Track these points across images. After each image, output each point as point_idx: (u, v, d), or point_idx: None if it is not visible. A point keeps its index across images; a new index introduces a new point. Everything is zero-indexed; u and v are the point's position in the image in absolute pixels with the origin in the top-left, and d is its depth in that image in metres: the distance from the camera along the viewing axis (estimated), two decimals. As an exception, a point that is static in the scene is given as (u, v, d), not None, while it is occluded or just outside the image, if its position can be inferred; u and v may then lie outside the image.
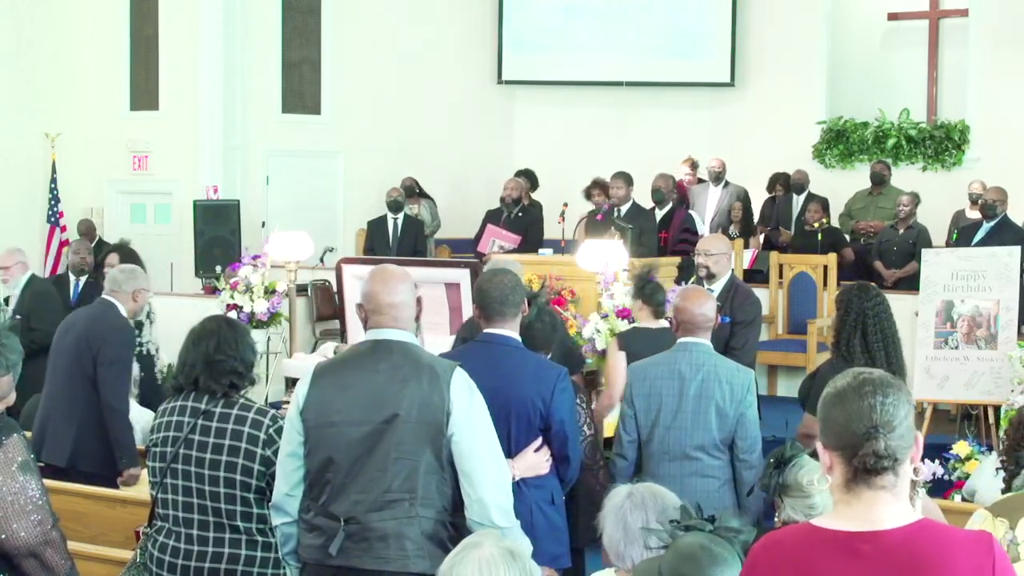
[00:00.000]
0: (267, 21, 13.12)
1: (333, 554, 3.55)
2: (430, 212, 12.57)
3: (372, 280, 3.75)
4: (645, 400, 4.83)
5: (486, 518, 3.55)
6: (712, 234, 10.01)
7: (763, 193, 12.28)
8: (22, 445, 3.46)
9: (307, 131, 13.30)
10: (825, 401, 2.37)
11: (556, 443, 4.31)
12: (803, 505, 3.75)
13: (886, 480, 2.30)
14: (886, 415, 2.29)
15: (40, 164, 12.94)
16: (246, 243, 11.42)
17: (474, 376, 3.83)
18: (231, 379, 4.02)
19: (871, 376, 2.35)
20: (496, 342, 4.32)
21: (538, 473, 4.31)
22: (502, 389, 4.12)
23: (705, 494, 4.58)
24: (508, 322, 4.33)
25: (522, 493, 4.18)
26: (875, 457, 2.27)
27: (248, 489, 3.91)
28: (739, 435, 4.75)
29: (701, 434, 4.74)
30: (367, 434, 3.56)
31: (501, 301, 4.30)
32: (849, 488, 2.32)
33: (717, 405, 4.74)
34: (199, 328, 4.13)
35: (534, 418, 4.25)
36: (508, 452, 4.13)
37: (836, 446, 2.33)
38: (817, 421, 2.40)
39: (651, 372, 4.88)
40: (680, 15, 13.62)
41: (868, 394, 2.30)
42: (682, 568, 2.49)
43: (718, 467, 4.76)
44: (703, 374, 4.78)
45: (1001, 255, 8.13)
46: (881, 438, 2.28)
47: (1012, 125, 12.00)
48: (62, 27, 13.05)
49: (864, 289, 5.32)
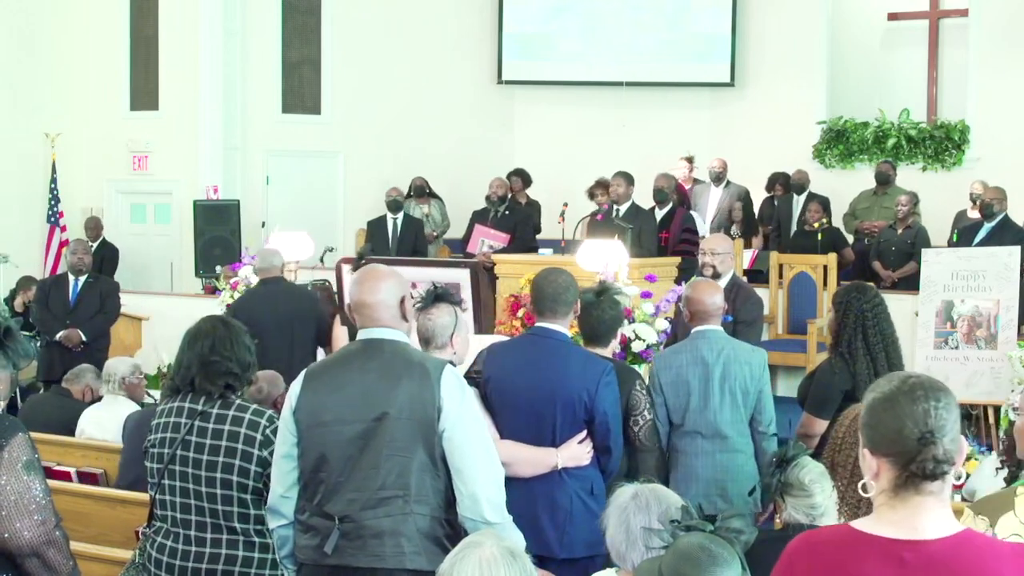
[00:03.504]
0: (267, 21, 13.13)
1: (328, 553, 3.55)
2: (440, 212, 12.58)
3: (354, 280, 3.81)
4: (673, 387, 5.16)
5: (478, 514, 3.55)
6: (716, 233, 10.01)
7: (763, 193, 12.28)
8: (27, 444, 3.46)
9: (307, 131, 13.30)
10: (873, 406, 2.32)
11: (599, 435, 4.44)
12: (804, 505, 3.76)
13: (936, 485, 2.27)
14: (940, 419, 2.25)
15: (40, 164, 12.94)
16: (246, 243, 11.43)
17: (522, 367, 4.19)
18: (227, 380, 4.01)
19: (921, 380, 2.30)
20: (545, 335, 4.51)
21: (580, 464, 4.42)
22: (549, 381, 4.37)
23: (736, 467, 5.09)
24: (559, 319, 4.51)
25: (564, 482, 4.36)
26: (935, 463, 2.24)
27: (245, 490, 3.91)
28: (758, 410, 5.15)
29: (729, 412, 5.11)
30: (359, 433, 3.58)
31: (554, 298, 4.48)
32: (896, 493, 2.28)
33: (741, 385, 5.11)
34: (194, 329, 4.12)
35: (579, 410, 4.39)
36: (552, 442, 4.38)
37: (887, 452, 2.28)
38: (861, 427, 2.35)
39: (675, 360, 5.21)
40: (680, 15, 13.61)
41: (921, 398, 2.26)
42: (682, 568, 2.49)
43: (744, 442, 5.15)
44: (724, 357, 5.12)
45: (1001, 255, 8.14)
46: (939, 443, 2.24)
47: (1012, 125, 12.00)
48: (62, 27, 13.05)
49: (862, 289, 5.33)
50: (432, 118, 13.54)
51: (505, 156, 13.42)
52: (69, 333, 9.16)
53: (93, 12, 13.17)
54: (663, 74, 13.66)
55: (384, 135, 13.37)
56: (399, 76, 13.49)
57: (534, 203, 12.27)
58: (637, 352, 7.17)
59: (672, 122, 13.33)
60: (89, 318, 9.29)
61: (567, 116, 13.88)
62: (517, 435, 4.44)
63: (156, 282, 12.85)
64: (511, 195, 11.40)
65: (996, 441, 7.49)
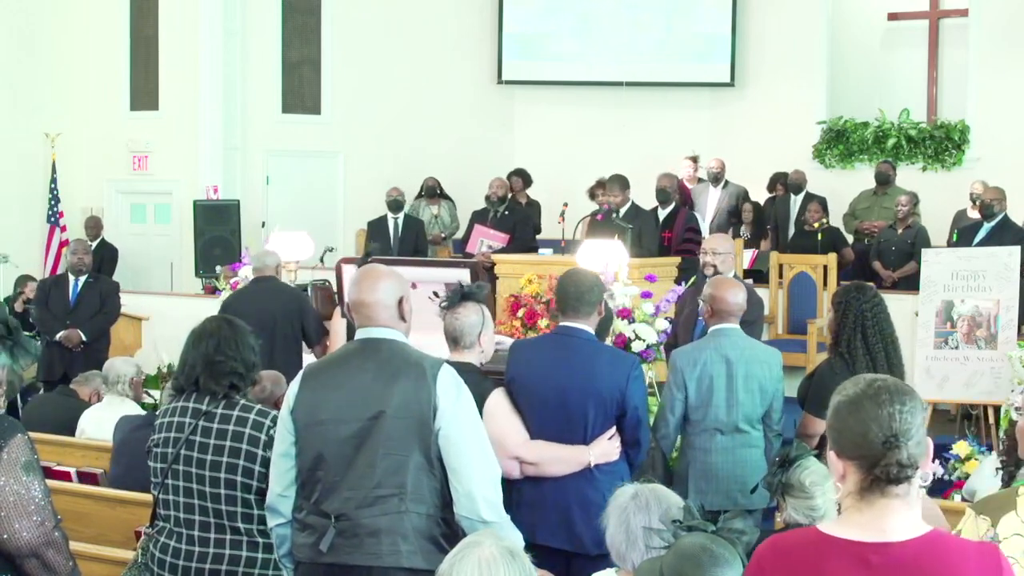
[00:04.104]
0: (267, 21, 13.14)
1: (324, 551, 3.55)
2: (450, 214, 12.58)
3: (353, 280, 3.82)
4: (697, 383, 5.23)
5: (474, 512, 3.55)
6: (717, 233, 10.00)
7: (764, 193, 12.28)
8: (26, 446, 3.46)
9: (307, 131, 13.31)
10: (838, 409, 2.32)
11: (629, 428, 4.53)
12: (805, 506, 3.76)
13: (901, 488, 2.27)
14: (905, 423, 2.26)
15: (40, 164, 12.94)
16: (246, 243, 11.42)
17: (550, 366, 4.31)
18: (231, 380, 4.01)
19: (886, 383, 2.31)
20: (571, 334, 4.56)
21: (609, 459, 4.49)
22: (579, 378, 4.45)
23: (752, 462, 5.21)
24: (582, 318, 4.56)
25: (595, 479, 4.43)
26: (898, 467, 2.25)
27: (249, 491, 3.90)
28: (773, 408, 5.28)
29: (749, 409, 5.23)
30: (355, 431, 3.58)
31: (577, 297, 4.54)
32: (862, 496, 2.29)
33: (760, 383, 5.23)
34: (199, 328, 4.12)
35: (610, 406, 4.47)
36: (584, 439, 4.46)
37: (852, 455, 2.29)
38: (828, 429, 2.36)
39: (700, 357, 5.27)
40: (680, 15, 13.61)
41: (886, 402, 2.27)
42: (683, 568, 2.49)
43: (759, 438, 5.28)
44: (747, 356, 5.25)
45: (1001, 255, 8.13)
46: (903, 447, 2.25)
47: (1012, 125, 12.00)
48: (62, 27, 13.05)
49: (861, 289, 5.33)
50: (432, 118, 13.54)
51: (505, 156, 13.42)
52: (69, 333, 9.16)
53: (93, 12, 13.17)
54: (663, 74, 13.66)
55: (384, 135, 13.38)
56: (399, 76, 13.49)
57: (534, 203, 12.27)
58: (637, 352, 7.17)
59: (672, 122, 13.33)
60: (89, 318, 9.29)
61: (567, 116, 13.87)
62: (547, 434, 4.49)
63: (156, 282, 12.85)
64: (511, 195, 11.40)
65: (996, 441, 7.49)
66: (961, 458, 7.17)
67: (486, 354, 4.56)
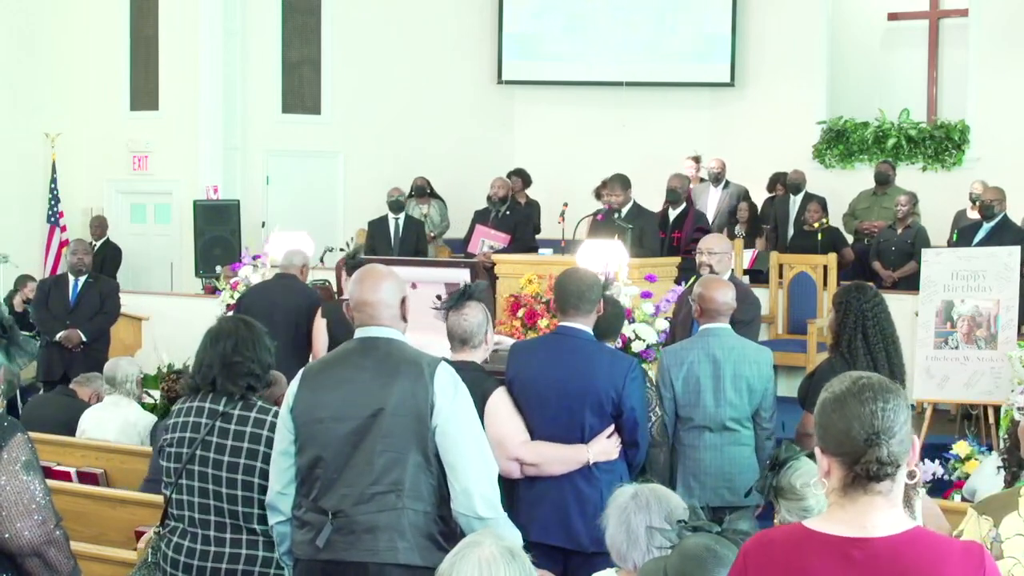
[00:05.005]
0: (267, 21, 13.14)
1: (320, 547, 3.56)
2: (440, 213, 12.56)
3: (354, 279, 3.83)
4: (683, 382, 5.28)
5: (471, 509, 3.57)
6: (713, 233, 9.99)
7: (764, 193, 12.28)
8: (26, 445, 3.46)
9: (307, 131, 13.31)
10: (823, 406, 2.35)
11: (627, 430, 4.54)
12: (797, 508, 3.75)
13: (884, 486, 2.30)
14: (887, 421, 2.28)
15: (40, 164, 12.94)
16: (246, 243, 11.42)
17: (549, 366, 4.31)
18: (248, 381, 4.00)
19: (870, 381, 2.33)
20: (569, 334, 4.58)
21: (608, 458, 4.51)
22: (576, 378, 4.47)
23: (742, 459, 5.26)
24: (581, 317, 4.58)
25: (593, 477, 4.47)
26: (878, 464, 2.27)
27: (265, 492, 3.88)
28: (763, 407, 5.32)
29: (738, 408, 5.26)
30: (353, 429, 3.60)
31: (577, 296, 4.57)
32: (846, 492, 2.31)
33: (748, 382, 5.26)
34: (216, 328, 4.11)
35: (607, 406, 4.48)
36: (582, 439, 4.48)
37: (836, 452, 2.32)
38: (815, 425, 2.39)
39: (687, 356, 5.32)
40: (680, 15, 13.61)
41: (869, 400, 2.29)
42: (687, 569, 2.49)
43: (749, 436, 5.31)
44: (735, 355, 5.27)
45: (1001, 255, 8.13)
46: (884, 445, 2.27)
47: (1012, 125, 11.99)
48: (62, 27, 13.05)
49: (862, 289, 5.33)
50: (432, 118, 13.54)
51: (505, 156, 13.42)
52: (69, 333, 9.16)
53: (93, 12, 13.17)
54: (663, 74, 13.66)
55: (384, 135, 13.38)
56: (399, 76, 13.49)
57: (534, 203, 12.27)
58: (637, 352, 7.17)
59: (672, 122, 13.33)
60: (89, 318, 9.29)
61: (567, 116, 13.87)
62: (546, 434, 4.51)
63: (156, 282, 12.86)
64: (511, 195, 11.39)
65: (996, 441, 7.49)
66: (961, 458, 7.16)
67: (488, 351, 4.59)
